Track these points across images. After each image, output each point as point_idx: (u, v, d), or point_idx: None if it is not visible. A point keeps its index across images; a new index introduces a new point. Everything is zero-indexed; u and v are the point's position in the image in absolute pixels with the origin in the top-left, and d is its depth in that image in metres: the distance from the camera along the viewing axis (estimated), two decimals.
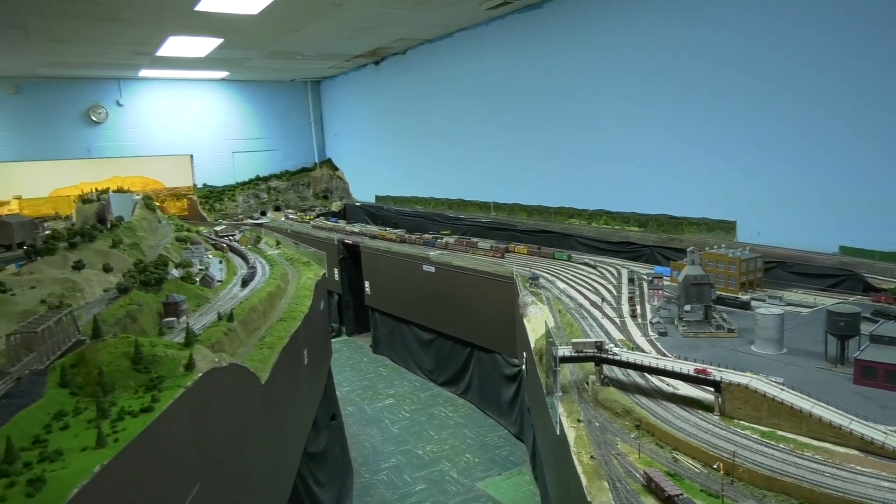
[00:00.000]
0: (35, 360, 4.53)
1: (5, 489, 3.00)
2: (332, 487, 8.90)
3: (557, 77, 12.75)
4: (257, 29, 13.63)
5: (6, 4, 10.38)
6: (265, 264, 9.72)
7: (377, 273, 15.08)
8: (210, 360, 4.60)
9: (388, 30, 15.00)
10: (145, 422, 3.67)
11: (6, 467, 3.20)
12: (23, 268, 7.68)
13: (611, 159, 11.83)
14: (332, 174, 22.87)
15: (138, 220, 10.45)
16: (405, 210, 18.41)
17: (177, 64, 17.47)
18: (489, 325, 11.56)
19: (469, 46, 15.24)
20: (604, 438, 4.99)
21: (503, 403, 11.59)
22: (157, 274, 6.70)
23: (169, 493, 3.85)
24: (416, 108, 17.90)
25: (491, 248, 12.59)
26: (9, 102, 18.07)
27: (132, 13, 11.37)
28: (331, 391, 10.36)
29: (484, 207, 15.65)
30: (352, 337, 17.35)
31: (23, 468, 3.23)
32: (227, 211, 21.03)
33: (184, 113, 20.75)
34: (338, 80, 22.22)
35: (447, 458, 10.60)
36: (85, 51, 14.70)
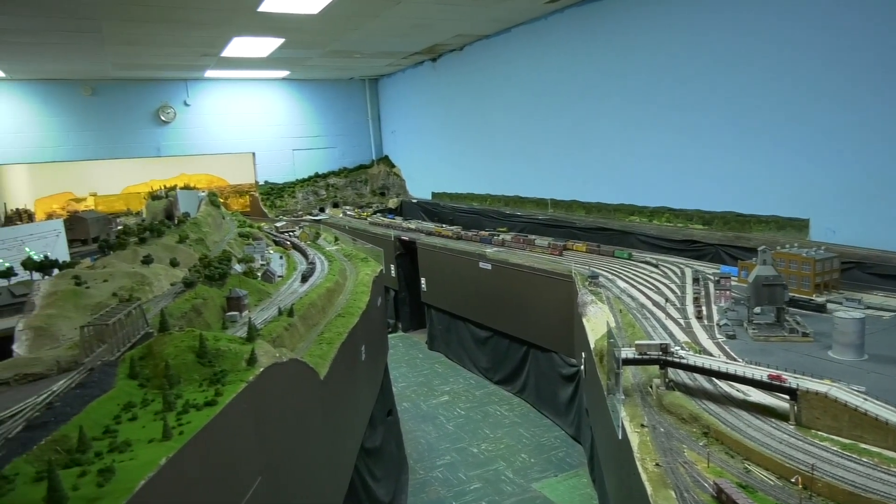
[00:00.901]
0: (106, 351, 4.68)
1: (77, 478, 3.08)
2: (388, 483, 8.94)
3: (617, 71, 12.41)
4: (317, 28, 13.82)
5: (84, 10, 10.86)
6: (324, 260, 9.84)
7: (433, 270, 15.09)
8: (271, 355, 4.65)
9: (445, 26, 14.96)
10: (209, 415, 3.72)
11: (79, 456, 3.30)
12: (96, 261, 8.02)
13: (673, 155, 11.44)
14: (388, 171, 23.04)
15: (203, 216, 10.77)
16: (461, 207, 18.35)
17: (240, 64, 17.94)
18: (546, 323, 11.38)
19: (526, 41, 15.03)
20: (669, 445, 4.79)
21: (560, 404, 11.39)
22: (221, 269, 6.85)
23: (231, 486, 3.91)
24: (472, 104, 17.81)
25: (548, 245, 12.38)
26: (85, 104, 18.98)
27: (200, 15, 11.71)
28: (387, 387, 10.41)
29: (541, 204, 15.43)
30: (407, 333, 17.45)
31: (94, 457, 3.32)
32: (287, 207, 21.50)
33: (246, 112, 21.32)
34: (395, 78, 22.36)
35: (502, 458, 10.50)
36: (156, 53, 15.26)
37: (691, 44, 10.72)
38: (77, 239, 12.48)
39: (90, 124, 19.11)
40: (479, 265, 12.98)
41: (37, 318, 5.72)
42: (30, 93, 18.35)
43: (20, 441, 3.39)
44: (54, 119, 18.71)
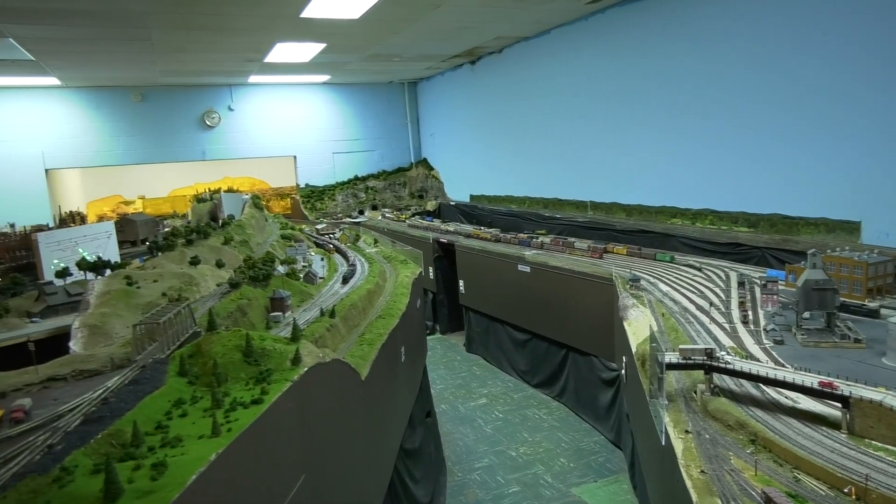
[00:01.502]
0: (157, 349, 4.83)
1: (132, 471, 3.19)
2: (427, 484, 8.97)
3: (659, 72, 12.23)
4: (358, 33, 13.98)
5: (136, 20, 11.23)
6: (364, 262, 9.96)
7: (472, 272, 15.09)
8: (315, 355, 4.73)
9: (485, 29, 14.97)
10: (256, 413, 3.81)
11: (133, 450, 3.42)
12: (146, 262, 8.28)
13: (717, 156, 11.20)
14: (427, 174, 23.15)
15: (247, 218, 11.01)
16: (500, 209, 18.32)
17: (283, 69, 18.27)
18: (586, 327, 11.27)
19: (566, 43, 14.93)
20: (715, 452, 4.70)
21: (600, 408, 11.26)
22: (265, 270, 7.00)
23: (276, 482, 3.99)
24: (511, 106, 17.77)
25: (588, 248, 12.26)
26: (135, 109, 19.61)
27: (245, 22, 11.98)
28: (426, 388, 10.46)
29: (580, 206, 15.29)
30: (445, 335, 17.49)
31: (147, 452, 3.44)
32: (328, 210, 21.79)
33: (288, 116, 21.70)
34: (434, 81, 22.46)
35: (541, 462, 10.43)
36: (202, 59, 15.68)
37: (735, 43, 10.49)
38: (127, 240, 12.85)
39: (139, 129, 19.74)
40: (517, 268, 12.93)
41: (91, 316, 5.94)
42: (83, 100, 19.06)
43: (79, 434, 3.53)
44: (106, 125, 19.39)
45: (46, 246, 9.86)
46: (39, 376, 4.64)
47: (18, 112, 18.34)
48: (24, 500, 2.92)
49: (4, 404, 4.01)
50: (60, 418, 3.78)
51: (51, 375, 4.70)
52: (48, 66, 15.04)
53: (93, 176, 22.22)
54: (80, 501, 2.98)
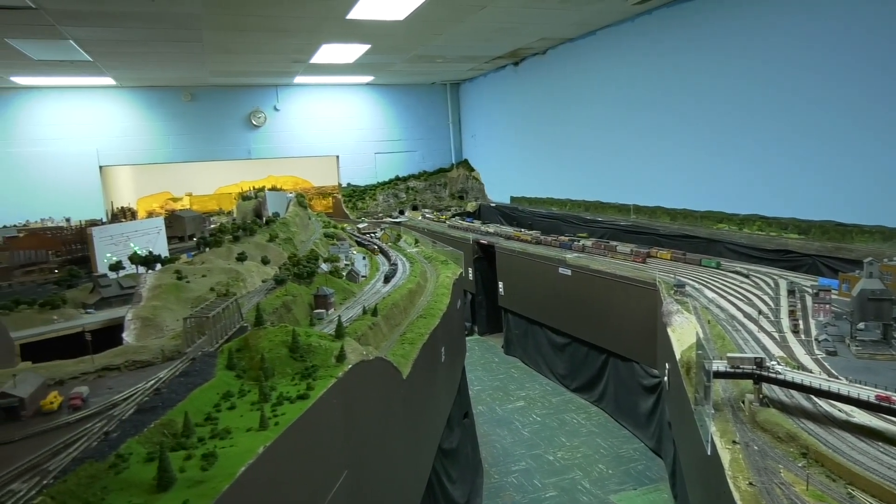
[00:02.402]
0: (206, 342, 4.95)
1: (183, 461, 3.27)
2: (464, 485, 8.97)
3: (707, 73, 11.97)
4: (402, 34, 14.09)
5: (188, 21, 11.54)
6: (405, 261, 10.01)
7: (511, 274, 15.04)
8: (359, 352, 4.78)
9: (529, 30, 14.91)
10: (302, 408, 3.86)
11: (184, 440, 3.51)
12: (194, 257, 8.50)
13: (767, 159, 10.91)
14: (468, 175, 23.17)
15: (292, 216, 11.20)
16: (540, 211, 18.20)
17: (327, 70, 18.53)
18: (627, 332, 11.11)
19: (611, 44, 14.76)
20: (764, 464, 4.57)
21: (640, 415, 11.08)
22: (310, 267, 7.10)
23: (320, 478, 4.04)
24: (554, 107, 17.65)
25: (631, 252, 12.08)
26: (184, 109, 20.17)
27: (293, 24, 12.20)
28: (464, 389, 10.46)
29: (623, 210, 15.08)
30: (483, 336, 17.46)
31: (197, 442, 3.52)
32: (369, 209, 22.00)
33: (332, 116, 22.00)
34: (477, 82, 22.46)
35: (579, 467, 10.32)
36: (250, 60, 16.02)
37: (789, 44, 10.19)
38: (175, 236, 13.21)
39: (188, 128, 20.28)
40: (558, 270, 12.83)
41: (143, 308, 6.12)
42: (136, 99, 19.68)
43: (133, 423, 3.64)
44: (156, 123, 19.98)
45: (100, 240, 10.21)
46: (95, 365, 4.80)
47: (75, 111, 19.06)
48: (83, 484, 3.02)
49: (63, 391, 4.16)
50: (115, 407, 3.91)
51: (105, 365, 4.85)
52: (105, 66, 15.58)
53: (143, 173, 22.92)
54: (134, 488, 3.07)
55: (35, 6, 9.91)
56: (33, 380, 4.11)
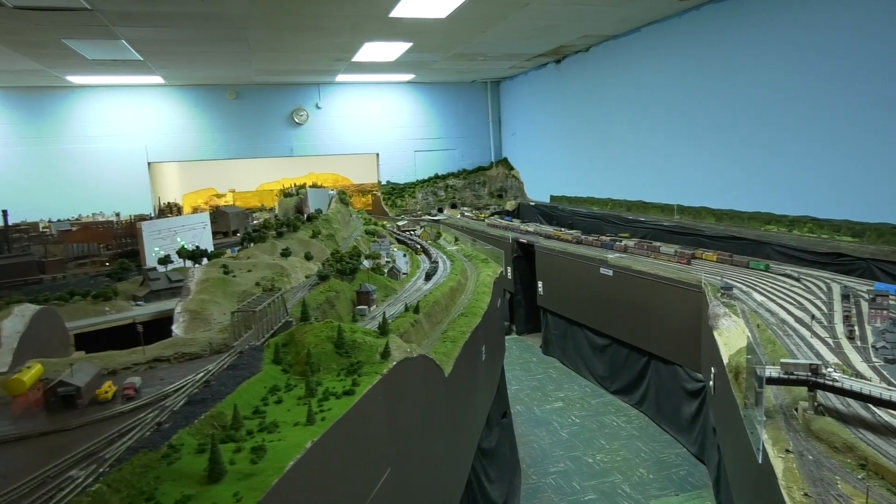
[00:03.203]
0: (253, 336, 5.02)
1: (233, 453, 3.31)
2: (501, 485, 8.92)
3: (756, 71, 11.62)
4: (444, 32, 14.07)
5: (235, 21, 11.74)
6: (446, 259, 10.00)
7: (551, 273, 14.90)
8: (403, 349, 4.78)
9: (572, 27, 14.72)
10: (348, 404, 3.88)
11: (233, 433, 3.56)
12: (239, 252, 8.64)
13: (818, 159, 10.53)
14: (507, 173, 23.04)
15: (334, 213, 11.30)
16: (580, 211, 17.98)
17: (369, 69, 18.65)
18: (670, 334, 10.88)
19: (656, 41, 14.47)
20: (820, 475, 4.40)
21: (683, 420, 10.84)
22: (352, 264, 7.15)
23: (364, 474, 4.05)
24: (596, 106, 17.40)
25: (675, 253, 11.83)
26: (230, 107, 20.58)
27: (337, 22, 12.30)
28: (503, 389, 10.39)
29: (666, 210, 14.77)
30: (522, 336, 17.35)
31: (245, 435, 3.57)
32: (407, 207, 22.08)
33: (372, 114, 22.15)
34: (517, 80, 22.32)
35: (619, 471, 10.16)
36: (294, 59, 16.23)
37: (842, 40, 9.82)
38: (219, 231, 13.47)
39: (233, 126, 20.69)
40: (599, 271, 12.65)
41: (192, 302, 6.25)
42: (183, 97, 20.16)
43: (184, 414, 3.70)
44: (202, 121, 20.43)
45: (149, 234, 10.47)
46: (146, 357, 4.91)
47: (126, 109, 19.62)
48: (137, 473, 3.08)
49: (117, 381, 4.26)
50: (167, 398, 3.98)
51: (156, 356, 4.96)
52: (154, 65, 15.98)
53: (188, 169, 23.48)
54: (186, 479, 3.12)
55: (90, 7, 10.21)
56: (89, 369, 4.23)
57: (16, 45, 12.89)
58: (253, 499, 2.88)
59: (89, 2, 9.92)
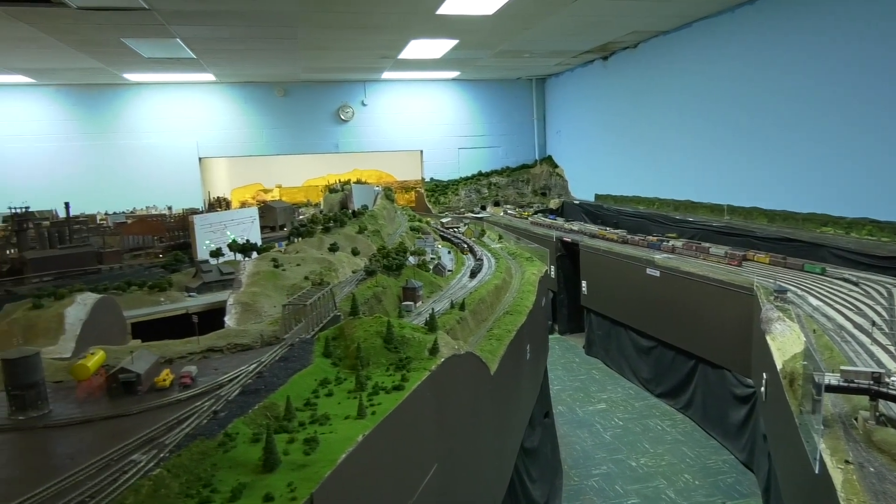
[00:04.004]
0: (303, 329, 5.10)
1: (287, 444, 3.37)
2: (543, 485, 8.86)
3: (814, 66, 11.22)
4: (491, 29, 14.02)
5: (285, 19, 11.95)
6: (490, 257, 9.98)
7: (595, 273, 14.71)
8: (451, 346, 4.78)
9: (621, 23, 14.49)
10: (397, 399, 3.90)
11: (286, 424, 3.62)
12: (288, 247, 8.79)
13: (878, 158, 10.10)
14: (551, 171, 22.84)
15: (379, 209, 11.40)
16: (626, 210, 17.70)
17: (414, 66, 18.74)
18: (719, 338, 10.61)
19: (708, 37, 14.11)
20: (882, 488, 4.23)
21: (731, 425, 10.57)
22: (399, 260, 7.19)
23: (412, 469, 4.07)
24: (644, 103, 17.09)
25: (725, 254, 11.53)
26: (278, 104, 20.97)
27: (384, 20, 12.39)
28: (545, 388, 10.32)
29: (716, 210, 14.42)
30: (564, 336, 17.20)
31: (298, 426, 3.62)
32: (450, 204, 22.11)
33: (416, 111, 22.26)
34: (563, 77, 22.09)
35: (663, 476, 9.97)
36: (341, 56, 16.42)
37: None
38: (267, 226, 13.71)
39: (281, 122, 21.08)
40: (645, 271, 12.43)
41: (243, 294, 6.39)
42: (233, 94, 20.63)
43: (238, 404, 3.79)
44: (251, 118, 20.87)
45: (200, 227, 10.74)
46: (200, 346, 5.04)
47: (178, 106, 20.18)
48: (195, 459, 3.16)
49: (174, 370, 4.38)
50: (221, 387, 4.08)
51: (209, 346, 5.09)
52: (207, 63, 16.38)
53: (236, 165, 24.02)
54: (241, 467, 3.19)
55: (148, 7, 10.52)
56: (148, 357, 4.36)
57: (78, 45, 13.39)
58: (307, 490, 2.92)
59: (147, 1, 10.23)
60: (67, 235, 10.25)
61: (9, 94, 18.82)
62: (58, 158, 19.29)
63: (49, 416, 3.87)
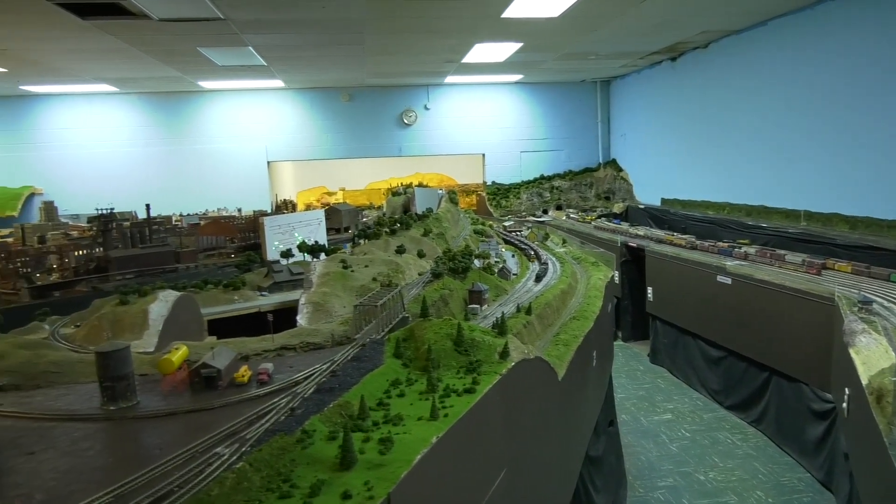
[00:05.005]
0: (373, 329, 5.17)
1: (362, 442, 3.42)
2: (607, 495, 8.68)
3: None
4: (556, 31, 13.89)
5: (352, 26, 12.19)
6: (555, 261, 9.87)
7: (662, 279, 14.34)
8: (521, 350, 4.75)
9: (691, 23, 14.09)
10: (469, 402, 3.90)
11: (360, 423, 3.67)
12: (355, 249, 8.95)
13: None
14: (615, 175, 22.43)
15: (444, 212, 11.46)
16: (694, 215, 17.15)
17: (477, 70, 18.76)
18: (796, 349, 10.14)
19: (785, 35, 13.52)
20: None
21: (807, 442, 10.08)
22: (465, 263, 7.20)
23: (482, 474, 4.06)
24: (715, 104, 16.54)
25: (803, 262, 11.02)
26: (343, 109, 21.43)
27: (449, 24, 12.47)
28: (610, 396, 10.12)
29: (792, 216, 13.79)
30: (627, 343, 16.83)
31: (372, 426, 3.67)
32: (512, 208, 22.01)
33: (479, 115, 22.29)
34: (629, 79, 21.67)
35: (734, 491, 9.59)
36: (406, 61, 16.62)
37: None
38: (332, 228, 13.99)
39: (346, 127, 21.53)
40: (716, 278, 12.02)
41: (315, 294, 6.54)
42: (301, 100, 21.21)
43: (314, 402, 3.87)
44: (317, 122, 21.40)
45: (270, 229, 11.08)
46: (275, 344, 5.18)
47: (248, 111, 20.91)
48: (275, 454, 3.25)
49: (251, 366, 4.52)
50: (297, 385, 4.18)
51: (283, 345, 5.22)
52: (276, 70, 16.89)
53: (302, 168, 24.65)
54: (318, 464, 3.25)
55: (223, 17, 10.93)
56: (227, 353, 4.52)
57: (157, 54, 14.05)
58: (384, 489, 2.95)
59: (222, 11, 10.62)
60: (147, 235, 10.75)
61: (95, 103, 19.95)
62: (137, 162, 20.31)
63: (137, 408, 4.06)
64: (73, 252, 9.36)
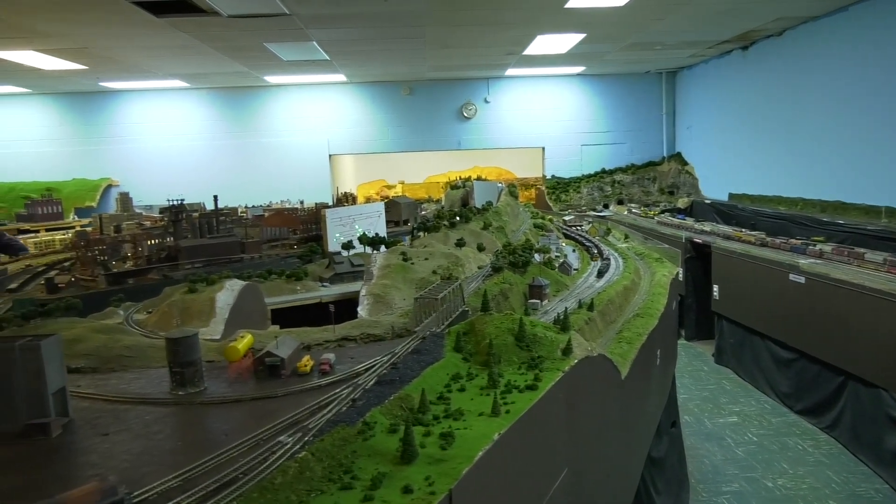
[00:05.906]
0: (433, 322, 5.15)
1: (423, 437, 3.40)
2: (668, 497, 8.44)
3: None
4: (620, 21, 13.53)
5: (413, 20, 12.20)
6: (617, 257, 9.63)
7: (729, 277, 13.82)
8: (584, 347, 4.64)
9: (764, 10, 13.45)
10: (531, 399, 3.83)
11: (420, 416, 3.66)
12: (415, 241, 8.97)
13: None
14: (680, 169, 21.73)
15: (503, 206, 11.36)
16: (764, 210, 16.42)
17: (538, 62, 18.50)
18: (875, 353, 9.58)
19: (866, 21, 12.72)
20: None
21: (886, 451, 9.51)
22: (525, 257, 7.10)
23: (543, 473, 3.99)
24: (789, 95, 15.76)
25: (884, 261, 10.37)
26: (403, 102, 21.56)
27: (511, 16, 12.32)
28: (673, 396, 9.82)
29: (871, 212, 13.01)
30: (691, 342, 16.32)
31: (432, 420, 3.65)
32: (572, 202, 21.66)
33: (539, 107, 22.01)
34: (696, 70, 20.92)
35: (804, 500, 9.16)
36: (467, 54, 16.55)
37: None
38: (391, 220, 14.08)
39: (406, 121, 21.66)
40: (788, 277, 11.48)
41: (375, 286, 6.59)
42: (362, 93, 21.47)
43: (375, 394, 3.88)
44: (378, 116, 21.62)
45: (331, 221, 11.22)
46: (336, 335, 5.23)
47: (311, 105, 21.31)
48: (336, 445, 3.26)
49: (313, 356, 4.57)
50: (358, 376, 4.20)
51: (344, 335, 5.27)
52: (339, 64, 17.13)
53: (362, 161, 24.96)
54: (379, 456, 3.25)
55: (289, 12, 11.13)
56: (291, 343, 4.59)
57: (225, 50, 14.46)
58: (445, 485, 2.92)
59: (288, 7, 10.81)
60: (215, 226, 11.10)
61: (167, 98, 20.78)
62: (206, 155, 21.05)
63: (204, 394, 4.17)
64: (146, 241, 9.76)
